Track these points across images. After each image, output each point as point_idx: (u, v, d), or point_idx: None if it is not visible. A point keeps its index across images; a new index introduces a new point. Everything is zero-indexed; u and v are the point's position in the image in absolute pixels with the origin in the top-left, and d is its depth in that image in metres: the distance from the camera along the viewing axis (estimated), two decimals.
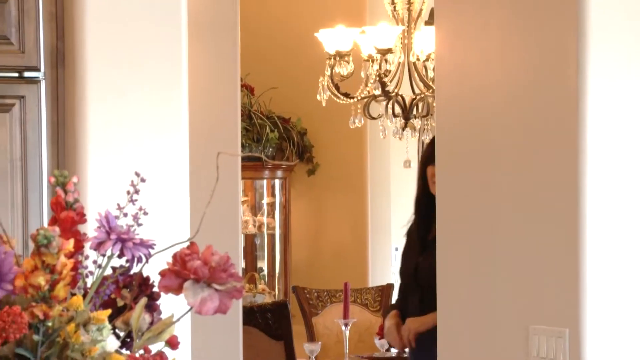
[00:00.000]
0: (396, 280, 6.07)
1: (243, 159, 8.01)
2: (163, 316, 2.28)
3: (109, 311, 2.20)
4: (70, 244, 2.18)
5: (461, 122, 5.63)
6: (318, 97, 8.70)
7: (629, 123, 5.04)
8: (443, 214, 5.79)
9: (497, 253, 5.35)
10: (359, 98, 8.61)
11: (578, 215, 5.01)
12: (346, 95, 8.67)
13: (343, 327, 8.12)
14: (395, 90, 8.62)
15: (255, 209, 10.44)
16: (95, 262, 2.25)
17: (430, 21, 8.00)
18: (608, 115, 5.01)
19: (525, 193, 5.26)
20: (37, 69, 4.46)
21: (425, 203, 5.33)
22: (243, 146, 8.14)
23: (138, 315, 2.24)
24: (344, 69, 8.63)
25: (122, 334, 2.24)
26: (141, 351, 2.17)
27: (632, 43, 5.03)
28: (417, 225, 5.40)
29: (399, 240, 6.39)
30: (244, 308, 6.72)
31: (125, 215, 2.22)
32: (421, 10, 8.61)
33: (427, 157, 5.30)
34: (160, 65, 4.58)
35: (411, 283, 5.33)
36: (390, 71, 8.61)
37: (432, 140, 5.31)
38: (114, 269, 2.25)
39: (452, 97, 5.72)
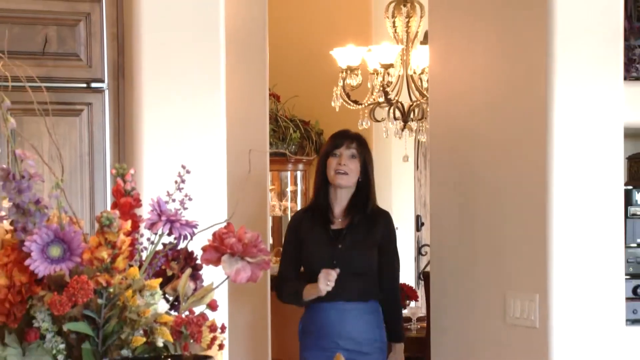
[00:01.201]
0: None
1: (270, 154, 7.98)
2: (204, 284, 2.28)
3: (160, 280, 2.20)
4: (128, 225, 2.18)
5: (449, 124, 5.62)
6: (332, 103, 8.73)
7: (587, 120, 5.02)
8: (435, 198, 5.79)
9: (479, 233, 5.34)
10: (366, 104, 8.61)
11: (546, 200, 4.99)
12: (355, 102, 8.68)
13: None
14: (396, 98, 8.61)
15: (280, 196, 10.41)
16: (148, 239, 2.24)
17: (424, 41, 7.97)
18: (570, 114, 4.99)
19: (502, 181, 5.24)
20: (102, 81, 4.45)
21: (324, 195, 4.99)
22: (270, 144, 8.10)
23: (184, 283, 2.23)
24: (353, 81, 8.64)
25: (170, 298, 2.24)
26: (186, 312, 2.16)
27: (589, 59, 5.01)
28: (317, 215, 4.97)
29: (397, 223, 6.23)
30: (272, 277, 6.68)
31: (174, 200, 2.21)
32: (417, 32, 8.60)
33: (326, 152, 5.04)
34: (202, 76, 4.56)
35: (330, 268, 4.74)
36: (391, 82, 8.62)
37: (332, 138, 5.17)
38: (164, 245, 2.25)
39: (442, 103, 5.71)
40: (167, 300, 2.22)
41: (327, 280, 4.64)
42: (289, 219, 10.44)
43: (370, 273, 4.86)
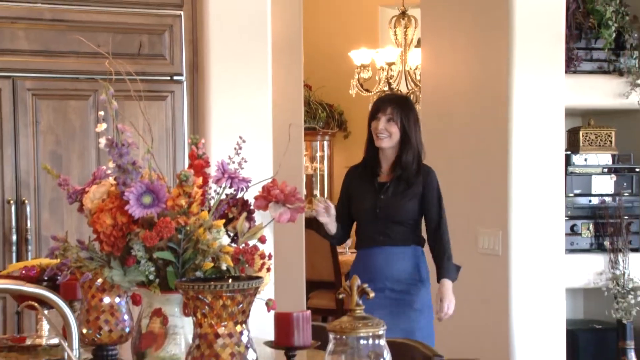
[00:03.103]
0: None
1: (304, 128, 7.98)
2: (256, 224, 2.27)
3: (223, 220, 2.19)
4: (200, 180, 2.17)
5: (437, 106, 5.59)
6: (350, 91, 8.75)
7: (538, 102, 5.00)
8: (425, 160, 5.78)
9: (457, 183, 5.33)
10: (375, 92, 8.58)
11: (508, 161, 4.99)
12: (367, 90, 8.67)
13: None
14: (397, 88, 8.58)
15: (312, 159, 10.40)
16: (215, 191, 2.24)
17: (418, 45, 7.93)
18: (525, 98, 4.98)
19: (474, 146, 5.22)
20: (181, 74, 4.44)
21: (372, 153, 4.29)
22: (304, 121, 8.09)
23: (241, 223, 2.23)
24: (365, 74, 8.66)
25: (231, 234, 2.23)
26: (243, 245, 2.15)
27: (539, 57, 4.97)
28: (367, 171, 4.29)
29: None
30: (306, 218, 6.68)
31: (233, 162, 2.21)
32: (412, 38, 8.59)
33: (371, 115, 4.29)
34: (254, 70, 4.55)
35: (373, 217, 4.18)
36: (393, 76, 8.60)
37: (375, 103, 4.37)
38: (226, 195, 2.24)
39: (431, 91, 5.69)
40: (229, 236, 2.21)
41: (317, 207, 4.11)
42: (319, 177, 10.48)
43: (410, 221, 4.22)
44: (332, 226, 4.19)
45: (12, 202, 4.17)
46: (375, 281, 4.08)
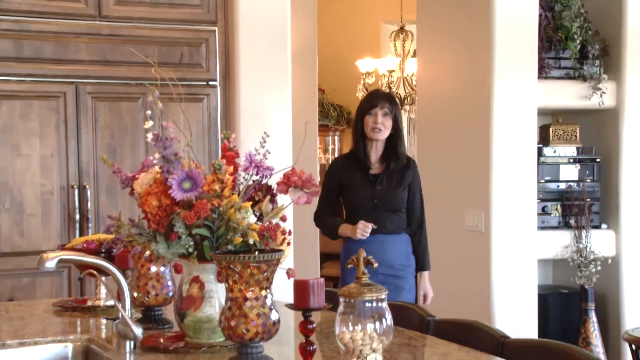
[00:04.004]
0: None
1: (318, 125, 7.96)
2: (278, 205, 2.26)
3: (251, 202, 2.18)
4: (231, 168, 2.16)
5: (430, 106, 5.57)
6: (357, 94, 8.70)
7: (515, 103, 4.97)
8: (420, 152, 5.75)
9: (447, 171, 5.31)
10: None
11: (489, 152, 4.96)
12: None
13: None
14: (396, 91, 8.55)
15: (325, 151, 10.38)
16: (244, 177, 2.22)
17: (414, 56, 7.89)
18: (504, 99, 4.95)
19: (461, 140, 5.20)
20: (215, 80, 4.43)
21: (362, 145, 3.95)
22: (318, 119, 8.07)
23: (265, 205, 2.21)
24: (370, 80, 8.63)
25: (257, 214, 2.22)
26: (267, 223, 2.14)
27: (516, 65, 4.95)
28: (356, 162, 3.95)
29: None
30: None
31: (259, 154, 2.19)
32: (409, 49, 8.54)
33: (364, 111, 3.94)
34: (276, 76, 4.53)
35: (370, 207, 3.88)
36: (393, 81, 8.58)
37: (367, 99, 3.99)
38: (253, 181, 2.23)
39: (425, 94, 5.66)
40: (255, 215, 2.20)
41: (363, 232, 3.79)
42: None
43: (403, 210, 3.93)
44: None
45: (75, 187, 4.18)
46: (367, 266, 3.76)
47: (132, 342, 2.20)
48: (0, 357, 2.33)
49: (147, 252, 2.42)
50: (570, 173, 5.36)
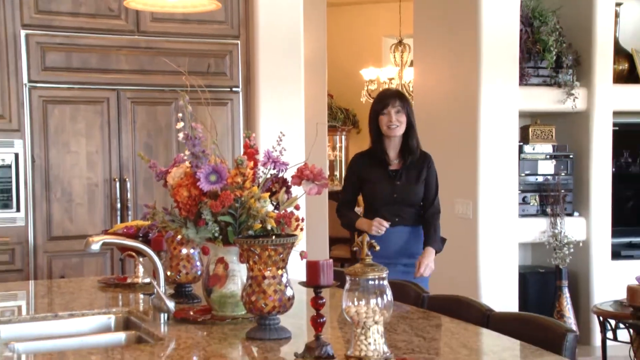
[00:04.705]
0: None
1: (328, 126, 7.95)
2: (293, 196, 2.25)
3: (269, 193, 2.17)
4: (251, 164, 2.15)
5: (425, 110, 5.55)
6: (361, 99, 8.70)
7: (499, 106, 4.95)
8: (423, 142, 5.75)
9: (439, 166, 5.29)
10: None
11: (477, 149, 4.95)
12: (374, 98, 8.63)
13: None
14: None
15: (333, 148, 10.36)
16: (262, 171, 2.21)
17: (411, 65, 7.87)
18: (490, 103, 4.93)
19: (452, 138, 5.18)
20: (238, 87, 4.42)
21: (379, 143, 3.65)
22: (328, 121, 8.05)
23: (282, 195, 2.21)
24: (372, 87, 8.60)
25: (274, 203, 2.21)
26: (283, 211, 2.13)
27: (500, 73, 4.92)
28: (375, 159, 3.63)
29: None
30: (329, 192, 6.68)
31: (276, 151, 2.18)
32: (407, 60, 8.52)
33: (377, 111, 3.64)
34: (291, 83, 4.51)
35: (390, 201, 3.58)
36: (393, 88, 8.55)
37: (379, 99, 3.70)
38: (271, 175, 2.22)
39: (421, 99, 5.64)
40: (273, 204, 2.19)
41: (378, 229, 3.49)
42: (338, 162, 10.45)
43: (419, 203, 3.62)
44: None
45: (117, 180, 4.18)
46: (391, 258, 3.49)
47: (165, 314, 2.20)
48: (53, 326, 2.35)
49: (179, 237, 2.41)
50: (547, 168, 5.33)
